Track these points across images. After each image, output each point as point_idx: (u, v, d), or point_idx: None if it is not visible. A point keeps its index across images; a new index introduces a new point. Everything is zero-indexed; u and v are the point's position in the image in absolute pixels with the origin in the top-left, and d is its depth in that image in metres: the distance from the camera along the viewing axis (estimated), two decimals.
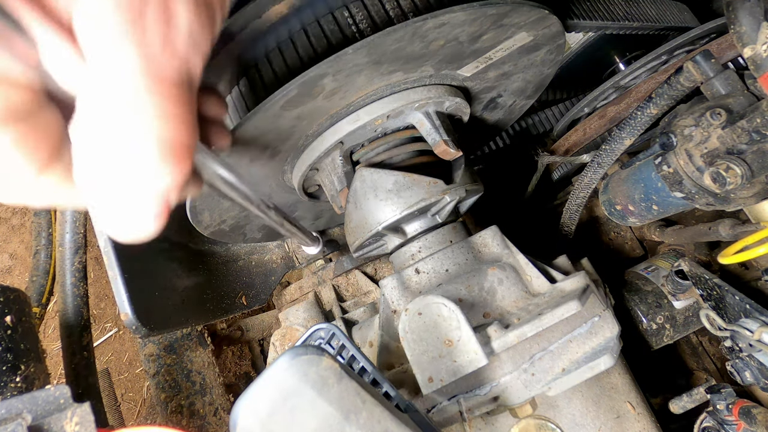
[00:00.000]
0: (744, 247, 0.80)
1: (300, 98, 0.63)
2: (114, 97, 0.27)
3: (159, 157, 0.29)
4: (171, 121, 0.29)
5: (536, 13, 0.68)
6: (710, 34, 1.00)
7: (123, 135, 0.28)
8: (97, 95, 0.27)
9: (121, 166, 0.29)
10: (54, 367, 2.23)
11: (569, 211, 1.02)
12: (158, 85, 0.28)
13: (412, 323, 0.65)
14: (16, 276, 2.47)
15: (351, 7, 0.63)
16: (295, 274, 1.23)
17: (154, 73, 0.28)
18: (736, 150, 0.71)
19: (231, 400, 1.23)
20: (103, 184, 0.30)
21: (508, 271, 0.75)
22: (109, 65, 0.27)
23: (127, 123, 0.28)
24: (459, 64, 0.74)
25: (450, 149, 0.75)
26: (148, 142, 0.29)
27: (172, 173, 0.31)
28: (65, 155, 0.33)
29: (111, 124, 0.28)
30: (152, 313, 0.83)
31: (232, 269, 1.14)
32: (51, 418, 0.37)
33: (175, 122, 0.29)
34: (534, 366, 0.70)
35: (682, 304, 0.98)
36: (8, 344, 0.71)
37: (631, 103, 1.01)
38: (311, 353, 0.42)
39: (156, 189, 0.31)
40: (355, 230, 0.79)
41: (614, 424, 0.75)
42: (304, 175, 0.81)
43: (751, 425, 0.79)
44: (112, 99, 0.27)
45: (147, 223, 0.32)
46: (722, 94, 0.75)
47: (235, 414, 0.40)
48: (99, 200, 0.31)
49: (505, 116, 1.04)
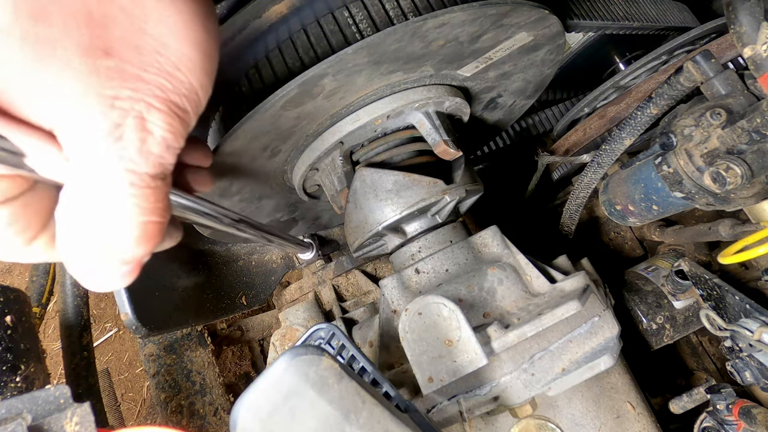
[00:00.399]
0: (744, 247, 0.80)
1: (300, 98, 0.63)
2: (95, 192, 0.32)
3: (133, 239, 0.34)
4: (144, 210, 0.34)
5: (536, 13, 0.68)
6: (710, 34, 1.00)
7: (102, 221, 0.33)
8: (81, 190, 0.33)
9: (99, 244, 0.34)
10: (54, 367, 2.23)
11: (569, 211, 1.02)
12: (134, 183, 0.33)
13: (412, 323, 0.65)
14: (16, 276, 2.47)
15: (351, 7, 0.63)
16: (295, 274, 1.23)
17: (131, 173, 0.32)
18: (736, 150, 0.71)
19: (231, 400, 1.23)
20: (81, 256, 0.35)
21: (508, 271, 0.75)
22: (92, 168, 0.32)
23: (105, 212, 0.33)
24: (459, 64, 0.74)
25: (450, 149, 0.75)
26: (124, 227, 0.34)
27: (144, 249, 0.36)
28: (51, 227, 0.38)
29: (91, 212, 0.33)
30: (152, 313, 0.83)
31: (232, 269, 1.14)
32: (51, 418, 0.37)
33: (148, 210, 0.34)
34: (534, 366, 0.70)
35: (682, 304, 0.98)
36: (8, 344, 0.71)
37: (631, 103, 1.01)
38: (311, 353, 0.42)
39: (129, 261, 0.36)
40: (355, 230, 0.79)
41: (614, 424, 0.75)
42: (304, 175, 0.81)
43: (751, 425, 0.79)
44: (94, 193, 0.32)
45: (119, 281, 0.37)
46: (722, 94, 0.75)
47: (235, 414, 0.40)
48: (76, 267, 0.36)
49: (505, 116, 1.04)
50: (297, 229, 1.10)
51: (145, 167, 0.33)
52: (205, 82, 0.36)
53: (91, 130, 0.31)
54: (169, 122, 0.33)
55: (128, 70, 0.31)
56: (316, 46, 0.63)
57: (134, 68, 0.31)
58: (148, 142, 0.32)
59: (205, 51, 0.35)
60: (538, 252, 0.80)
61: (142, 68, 0.31)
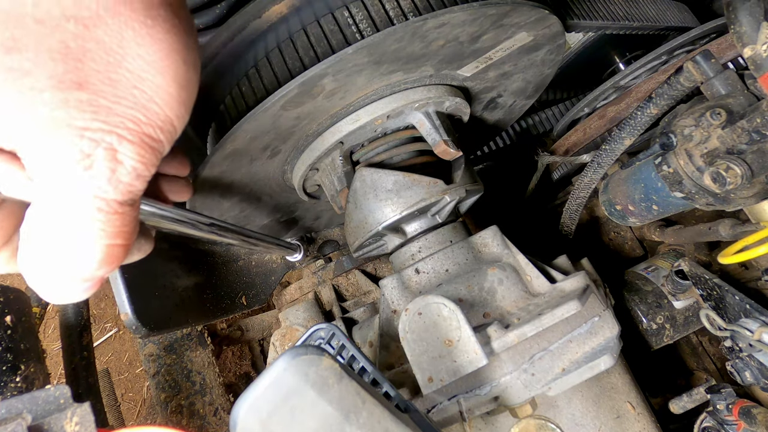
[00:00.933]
0: (744, 247, 0.80)
1: (300, 98, 0.63)
2: (61, 214, 0.33)
3: (95, 261, 0.35)
4: (109, 234, 0.35)
5: (536, 13, 0.68)
6: (710, 34, 1.00)
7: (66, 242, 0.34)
8: (47, 211, 0.34)
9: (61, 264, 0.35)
10: (54, 367, 2.23)
11: (569, 211, 1.02)
12: (101, 209, 0.34)
13: (412, 323, 0.65)
14: (16, 276, 2.46)
15: (351, 7, 0.63)
16: (295, 274, 1.23)
17: (99, 200, 0.33)
18: (736, 150, 0.70)
19: (231, 400, 1.23)
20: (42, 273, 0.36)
21: (508, 271, 0.75)
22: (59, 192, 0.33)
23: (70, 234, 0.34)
24: (459, 64, 0.74)
25: (450, 149, 0.75)
26: (88, 250, 0.35)
27: (106, 270, 0.36)
28: (15, 241, 0.39)
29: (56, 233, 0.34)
30: (152, 313, 0.83)
31: (232, 269, 1.14)
32: (51, 418, 0.37)
33: (113, 234, 0.35)
34: (534, 366, 0.70)
35: (682, 304, 0.98)
36: (8, 344, 0.71)
37: (631, 103, 1.01)
38: (311, 353, 0.42)
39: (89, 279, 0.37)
40: (355, 230, 0.79)
41: (614, 424, 0.75)
42: (304, 175, 0.81)
43: (751, 425, 0.79)
44: (60, 215, 0.33)
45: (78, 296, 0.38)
46: (722, 94, 0.75)
47: (235, 414, 0.40)
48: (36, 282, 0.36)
49: (505, 116, 1.04)
50: (297, 229, 1.10)
51: (113, 195, 0.34)
52: (181, 113, 0.36)
53: (59, 157, 0.32)
54: (140, 153, 0.34)
55: (101, 103, 0.32)
56: (316, 46, 0.63)
57: (107, 101, 0.32)
58: (118, 172, 0.33)
59: (182, 83, 0.35)
60: (538, 252, 0.80)
61: (116, 101, 0.32)
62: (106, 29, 0.31)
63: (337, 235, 1.19)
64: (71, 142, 0.31)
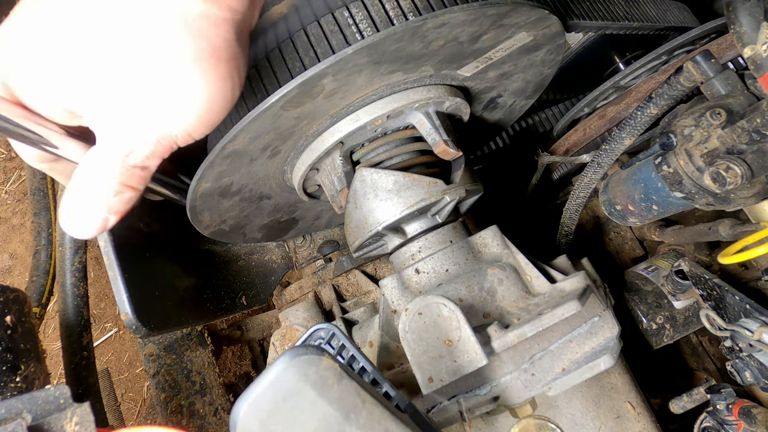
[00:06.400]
0: (744, 247, 0.80)
1: (300, 98, 0.63)
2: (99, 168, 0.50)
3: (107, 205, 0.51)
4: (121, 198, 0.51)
5: (536, 13, 0.68)
6: (710, 34, 1.00)
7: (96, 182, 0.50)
8: (90, 165, 0.50)
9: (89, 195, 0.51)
10: (54, 367, 2.23)
11: (569, 211, 1.02)
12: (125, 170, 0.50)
13: (412, 323, 0.65)
14: (16, 276, 2.47)
15: (351, 7, 0.63)
16: (295, 274, 1.23)
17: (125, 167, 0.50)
18: (736, 150, 0.71)
19: (231, 400, 1.24)
20: (75, 201, 0.51)
21: (508, 271, 0.75)
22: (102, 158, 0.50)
23: (100, 177, 0.50)
24: (459, 64, 0.74)
25: (450, 149, 0.75)
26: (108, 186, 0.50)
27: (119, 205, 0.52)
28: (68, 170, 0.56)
29: (92, 177, 0.50)
30: (152, 313, 0.83)
31: (232, 269, 1.14)
32: (51, 418, 0.37)
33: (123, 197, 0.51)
34: (534, 366, 0.70)
35: (682, 304, 0.98)
36: (8, 344, 0.71)
37: (631, 103, 1.01)
38: (311, 353, 0.42)
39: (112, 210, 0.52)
40: (355, 230, 0.79)
41: (614, 424, 0.75)
42: (304, 175, 0.81)
43: (751, 425, 0.79)
44: (98, 168, 0.50)
45: (95, 228, 0.52)
46: (722, 94, 0.75)
47: (235, 414, 0.40)
48: (68, 211, 0.51)
49: (505, 116, 1.04)
50: (297, 230, 1.10)
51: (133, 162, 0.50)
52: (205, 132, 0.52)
53: (114, 145, 0.49)
54: (164, 153, 0.51)
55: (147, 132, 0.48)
56: (316, 46, 0.63)
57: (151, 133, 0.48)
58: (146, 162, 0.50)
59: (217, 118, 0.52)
60: (538, 252, 0.80)
61: (157, 132, 0.48)
62: None
63: (337, 235, 1.19)
64: (122, 145, 0.49)
